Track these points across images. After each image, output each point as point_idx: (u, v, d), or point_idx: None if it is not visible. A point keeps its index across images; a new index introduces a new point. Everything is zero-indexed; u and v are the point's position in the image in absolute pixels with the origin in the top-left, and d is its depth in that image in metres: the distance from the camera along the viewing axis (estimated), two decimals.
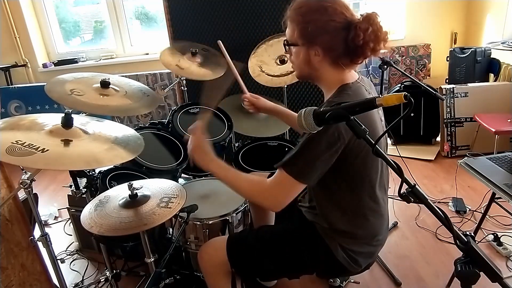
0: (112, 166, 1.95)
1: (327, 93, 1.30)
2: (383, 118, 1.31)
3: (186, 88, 2.62)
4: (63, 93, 1.59)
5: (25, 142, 1.15)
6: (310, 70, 1.26)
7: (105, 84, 1.69)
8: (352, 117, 0.95)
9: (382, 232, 1.36)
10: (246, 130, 2.36)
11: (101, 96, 1.67)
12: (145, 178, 1.75)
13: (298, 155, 1.14)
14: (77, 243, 2.39)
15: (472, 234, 0.85)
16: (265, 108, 1.73)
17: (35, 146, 1.15)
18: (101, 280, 2.03)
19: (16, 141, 1.14)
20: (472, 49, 3.48)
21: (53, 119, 1.32)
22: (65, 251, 2.38)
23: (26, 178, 1.33)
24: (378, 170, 1.26)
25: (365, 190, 1.25)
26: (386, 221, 1.39)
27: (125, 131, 1.46)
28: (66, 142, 1.23)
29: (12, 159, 1.09)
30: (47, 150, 1.15)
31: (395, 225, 2.40)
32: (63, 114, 1.28)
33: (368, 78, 1.52)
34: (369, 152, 1.17)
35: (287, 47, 1.28)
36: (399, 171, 0.87)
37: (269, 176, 1.71)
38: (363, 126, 0.94)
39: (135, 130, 2.04)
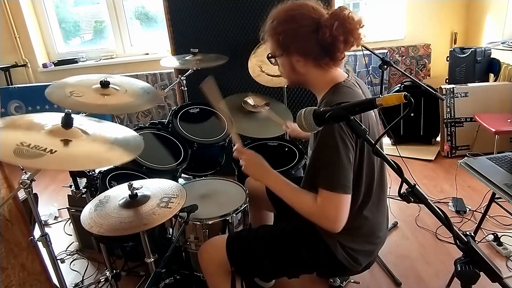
0: (112, 166, 1.95)
1: (319, 95, 1.32)
2: (375, 116, 1.31)
3: (186, 88, 2.61)
4: (63, 95, 1.59)
5: (30, 144, 1.14)
6: (298, 76, 1.29)
7: (105, 84, 1.69)
8: (352, 117, 0.95)
9: (382, 230, 1.37)
10: (246, 130, 2.36)
11: (104, 97, 1.66)
12: (145, 178, 1.75)
13: (328, 169, 1.14)
14: (77, 243, 2.39)
15: (472, 234, 0.85)
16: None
17: (41, 147, 1.13)
18: (101, 280, 2.03)
19: (21, 142, 1.13)
20: (472, 49, 3.48)
21: (50, 119, 1.31)
22: (65, 251, 2.38)
23: (26, 178, 1.33)
24: (377, 169, 1.26)
25: (364, 188, 1.26)
26: (385, 219, 1.40)
27: (122, 131, 1.46)
28: (66, 142, 1.22)
29: (25, 161, 1.09)
30: (55, 151, 1.14)
31: (395, 225, 2.40)
32: (62, 114, 1.28)
33: (368, 78, 1.54)
34: (368, 151, 1.18)
35: (272, 60, 1.32)
36: (399, 171, 0.87)
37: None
38: (363, 126, 0.94)
39: (135, 130, 2.06)
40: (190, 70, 2.49)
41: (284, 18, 1.22)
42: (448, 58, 3.68)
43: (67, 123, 1.26)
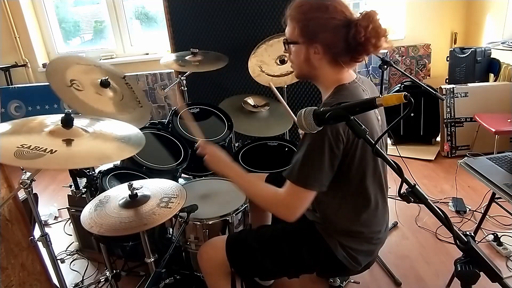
0: (112, 166, 1.95)
1: (324, 93, 1.31)
2: (379, 117, 1.31)
3: (186, 88, 2.61)
4: (63, 83, 1.58)
5: (30, 145, 1.14)
6: (309, 69, 1.27)
7: (105, 84, 1.69)
8: (352, 117, 0.95)
9: (382, 230, 1.36)
10: (246, 130, 2.36)
11: (99, 95, 1.66)
12: (145, 178, 1.75)
13: (304, 163, 1.14)
14: (77, 243, 2.39)
15: (472, 234, 0.85)
16: None
17: (41, 148, 1.14)
18: (101, 280, 2.03)
19: (21, 145, 1.14)
20: (472, 49, 3.48)
21: (52, 120, 1.32)
22: (65, 251, 2.38)
23: (26, 178, 1.33)
24: (376, 169, 1.26)
25: (363, 188, 1.26)
26: (385, 219, 1.40)
27: (124, 127, 1.46)
28: (68, 142, 1.22)
29: (24, 162, 1.09)
30: (56, 151, 1.15)
31: (395, 225, 2.40)
32: (61, 115, 1.28)
33: (368, 78, 1.53)
34: (366, 151, 1.18)
35: (286, 46, 1.29)
36: (399, 171, 0.87)
37: (268, 178, 1.73)
38: (363, 126, 0.94)
39: None
40: (188, 72, 2.48)
41: (316, 5, 1.19)
42: (448, 58, 3.68)
43: (67, 122, 1.26)
